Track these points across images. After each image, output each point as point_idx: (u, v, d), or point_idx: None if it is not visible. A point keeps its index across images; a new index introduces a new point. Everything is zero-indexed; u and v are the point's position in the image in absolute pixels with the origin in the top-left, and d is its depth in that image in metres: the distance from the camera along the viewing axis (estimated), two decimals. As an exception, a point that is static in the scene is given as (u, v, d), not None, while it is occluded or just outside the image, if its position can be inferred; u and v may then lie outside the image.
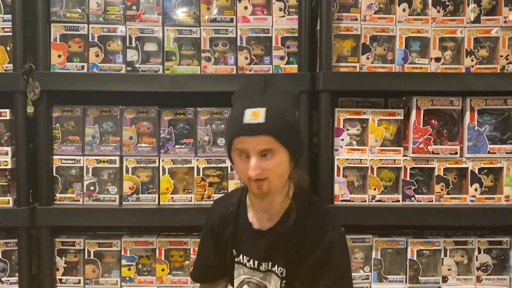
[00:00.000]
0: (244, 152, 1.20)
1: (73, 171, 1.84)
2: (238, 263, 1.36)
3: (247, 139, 1.18)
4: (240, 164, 1.22)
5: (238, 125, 1.19)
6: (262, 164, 1.18)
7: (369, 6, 1.80)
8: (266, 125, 1.17)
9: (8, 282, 1.83)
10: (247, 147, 1.18)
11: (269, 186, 1.21)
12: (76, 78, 1.78)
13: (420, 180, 1.84)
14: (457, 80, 1.77)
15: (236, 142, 1.20)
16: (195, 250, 1.83)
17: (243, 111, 1.19)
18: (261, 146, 1.17)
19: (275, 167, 1.19)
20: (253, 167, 1.17)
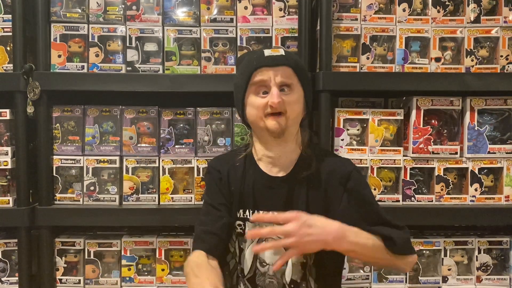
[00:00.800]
0: (263, 86, 1.23)
1: (73, 171, 1.84)
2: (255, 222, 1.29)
3: (269, 70, 1.22)
4: (257, 100, 1.24)
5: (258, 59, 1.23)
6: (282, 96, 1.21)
7: (369, 6, 1.80)
8: (286, 57, 1.24)
9: (8, 282, 1.83)
10: (267, 78, 1.21)
11: (286, 123, 1.22)
12: (76, 78, 1.78)
13: (420, 180, 1.84)
14: (457, 80, 1.78)
15: (256, 74, 1.23)
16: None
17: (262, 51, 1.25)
18: (282, 77, 1.22)
19: (293, 102, 1.23)
20: (275, 95, 1.19)
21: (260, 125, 1.25)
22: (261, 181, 1.31)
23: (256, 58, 1.25)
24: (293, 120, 1.24)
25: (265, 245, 1.14)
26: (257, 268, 1.32)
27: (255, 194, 1.31)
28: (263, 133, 1.26)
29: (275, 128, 1.22)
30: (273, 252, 1.29)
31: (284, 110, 1.21)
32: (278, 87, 1.21)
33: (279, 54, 1.24)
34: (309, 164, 1.28)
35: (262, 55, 1.24)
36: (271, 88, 1.21)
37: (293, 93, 1.24)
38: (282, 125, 1.22)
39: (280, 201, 1.28)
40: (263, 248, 1.17)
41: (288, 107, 1.22)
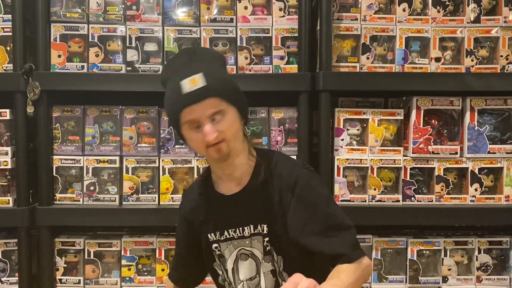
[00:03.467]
0: (195, 122, 1.17)
1: (73, 171, 1.84)
2: (226, 241, 1.31)
3: (194, 108, 1.15)
4: (194, 136, 1.19)
5: (179, 98, 1.15)
6: (217, 127, 1.16)
7: (369, 6, 1.80)
8: (208, 87, 1.14)
9: (8, 282, 1.83)
10: (196, 116, 1.15)
11: (228, 147, 1.19)
12: (76, 78, 1.78)
13: (420, 180, 1.84)
14: (457, 80, 1.78)
15: (183, 115, 1.16)
16: (195, 250, 1.84)
17: (179, 83, 1.15)
18: (210, 109, 1.15)
19: (229, 127, 1.18)
20: (209, 132, 1.14)
21: (206, 154, 1.23)
22: (221, 202, 1.31)
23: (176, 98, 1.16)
24: (233, 141, 1.21)
25: None
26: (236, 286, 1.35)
27: (218, 216, 1.31)
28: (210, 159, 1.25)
29: (219, 156, 1.20)
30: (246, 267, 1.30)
31: (223, 138, 1.18)
32: (209, 121, 1.15)
33: (198, 86, 1.14)
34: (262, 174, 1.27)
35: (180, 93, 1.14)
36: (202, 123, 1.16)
37: (226, 117, 1.17)
38: (224, 152, 1.19)
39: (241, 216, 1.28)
40: None
41: (225, 134, 1.18)
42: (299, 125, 1.80)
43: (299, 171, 1.26)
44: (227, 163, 1.23)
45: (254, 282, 1.31)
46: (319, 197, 1.24)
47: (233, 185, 1.30)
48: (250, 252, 1.29)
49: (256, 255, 1.29)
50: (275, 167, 1.28)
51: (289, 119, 1.86)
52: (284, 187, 1.24)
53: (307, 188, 1.24)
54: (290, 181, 1.23)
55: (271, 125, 1.85)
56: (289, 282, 0.93)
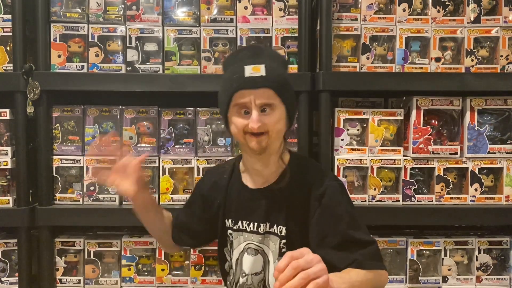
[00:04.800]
0: (244, 107, 1.21)
1: (73, 171, 1.84)
2: (238, 231, 1.34)
3: (249, 92, 1.19)
4: (239, 120, 1.23)
5: (238, 79, 1.20)
6: (263, 118, 1.20)
7: (369, 6, 1.80)
8: (267, 78, 1.20)
9: (8, 282, 1.83)
10: (248, 101, 1.20)
11: (267, 142, 1.22)
12: (76, 78, 1.78)
13: (420, 180, 1.84)
14: (457, 80, 1.77)
15: (236, 96, 1.21)
16: (195, 250, 1.84)
17: (243, 67, 1.20)
18: (262, 99, 1.20)
19: (274, 122, 1.22)
20: (255, 120, 1.19)
21: (243, 143, 1.26)
22: (243, 194, 1.34)
23: (236, 78, 1.21)
24: (275, 138, 1.24)
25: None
26: (238, 280, 1.36)
27: (237, 206, 1.35)
28: (246, 148, 1.28)
29: (256, 147, 1.23)
30: (252, 261, 1.32)
31: (266, 130, 1.21)
32: (258, 110, 1.20)
33: (259, 74, 1.19)
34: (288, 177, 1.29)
35: (242, 75, 1.20)
36: (251, 110, 1.20)
37: (275, 112, 1.22)
38: (263, 145, 1.22)
39: (260, 212, 1.30)
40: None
41: (269, 127, 1.21)
42: (299, 125, 1.80)
43: (329, 182, 1.28)
44: (261, 157, 1.27)
45: (258, 277, 1.33)
46: (345, 211, 1.25)
47: (259, 180, 1.33)
48: (260, 249, 1.31)
49: (266, 252, 1.31)
50: (306, 173, 1.31)
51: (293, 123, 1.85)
52: (312, 195, 1.26)
53: (334, 200, 1.25)
54: (320, 190, 1.25)
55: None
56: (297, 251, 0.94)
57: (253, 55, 1.25)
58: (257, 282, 1.33)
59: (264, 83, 1.19)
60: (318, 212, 1.24)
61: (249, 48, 1.35)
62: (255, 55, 1.25)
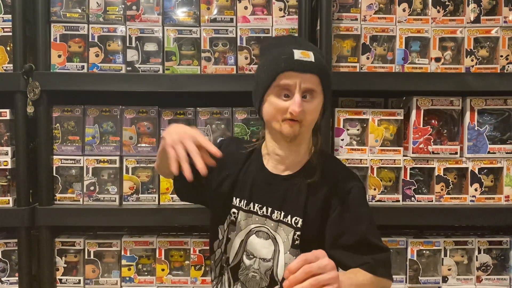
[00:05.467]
0: (286, 90, 1.19)
1: (73, 171, 1.84)
2: (248, 212, 1.31)
3: (296, 75, 1.18)
4: (279, 101, 1.20)
5: (287, 60, 1.18)
6: (303, 105, 1.19)
7: (369, 6, 1.80)
8: (316, 64, 1.19)
9: (8, 282, 1.83)
10: (293, 83, 1.18)
11: (300, 129, 1.21)
12: (76, 78, 1.78)
13: (420, 180, 1.84)
14: (457, 80, 1.77)
15: (282, 76, 1.18)
16: (195, 250, 1.84)
17: (292, 50, 1.19)
18: (308, 84, 1.19)
19: (312, 111, 1.21)
20: (298, 103, 1.17)
21: (275, 126, 1.24)
22: (262, 176, 1.31)
23: (285, 59, 1.19)
24: (307, 127, 1.24)
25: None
26: (242, 261, 1.32)
27: (253, 187, 1.31)
28: (275, 133, 1.26)
29: (289, 133, 1.21)
30: (263, 245, 1.29)
31: (302, 118, 1.20)
32: (301, 94, 1.19)
33: (309, 60, 1.19)
34: (313, 172, 1.27)
35: (291, 57, 1.18)
36: (294, 94, 1.19)
37: (314, 100, 1.21)
38: (296, 132, 1.21)
39: (277, 199, 1.28)
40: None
41: (306, 115, 1.20)
42: (299, 125, 1.80)
43: (355, 182, 1.28)
44: (289, 145, 1.25)
45: (266, 264, 1.29)
46: (365, 215, 1.26)
47: (280, 167, 1.30)
48: (272, 235, 1.29)
49: (277, 241, 1.29)
50: (332, 169, 1.30)
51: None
52: (337, 192, 1.25)
53: (358, 201, 1.25)
54: (345, 188, 1.25)
55: (271, 125, 1.85)
56: (311, 254, 0.93)
57: (298, 42, 1.25)
58: (264, 269, 1.30)
59: (313, 69, 1.19)
60: (339, 209, 1.23)
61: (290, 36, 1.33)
62: (300, 43, 1.25)
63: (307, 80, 1.19)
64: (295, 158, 1.29)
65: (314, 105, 1.21)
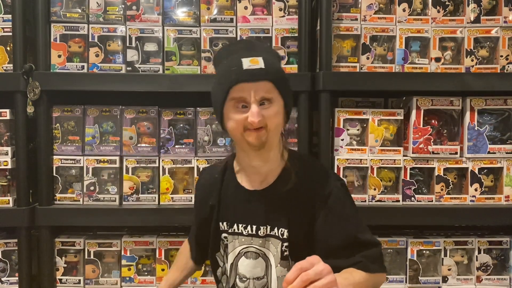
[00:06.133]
0: (242, 102, 1.17)
1: (73, 171, 1.84)
2: (233, 234, 1.30)
3: (248, 86, 1.15)
4: (237, 115, 1.17)
5: (237, 72, 1.15)
6: (262, 112, 1.16)
7: (369, 6, 1.80)
8: (266, 70, 1.16)
9: (8, 282, 1.83)
10: (247, 94, 1.15)
11: (267, 136, 1.18)
12: (76, 78, 1.78)
13: (420, 180, 1.84)
14: (457, 80, 1.77)
15: (234, 90, 1.16)
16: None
17: (240, 60, 1.16)
18: (262, 92, 1.16)
19: (273, 116, 1.18)
20: (255, 113, 1.14)
21: (240, 139, 1.21)
22: (239, 195, 1.29)
23: (234, 71, 1.16)
24: (273, 132, 1.20)
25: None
26: (236, 285, 1.31)
27: (233, 208, 1.30)
28: (244, 144, 1.23)
29: (255, 142, 1.18)
30: (253, 265, 1.28)
31: (265, 124, 1.17)
32: (258, 104, 1.16)
33: (259, 67, 1.15)
34: (290, 178, 1.25)
35: (240, 67, 1.15)
36: (249, 103, 1.16)
37: (273, 106, 1.18)
38: (262, 139, 1.18)
39: (259, 214, 1.26)
40: None
41: (268, 121, 1.17)
42: (299, 125, 1.80)
43: (334, 182, 1.26)
44: (260, 153, 1.23)
45: (261, 282, 1.29)
46: (350, 213, 1.24)
47: (257, 179, 1.28)
48: (261, 252, 1.28)
49: (267, 256, 1.28)
50: (308, 173, 1.27)
51: (289, 119, 1.85)
52: (317, 197, 1.23)
53: (340, 202, 1.23)
54: (325, 191, 1.23)
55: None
56: (306, 261, 0.92)
57: (248, 48, 1.22)
58: (260, 287, 1.29)
59: (264, 76, 1.15)
60: (323, 214, 1.22)
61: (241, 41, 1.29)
62: (250, 48, 1.22)
63: (260, 88, 1.15)
64: (271, 165, 1.27)
65: (274, 110, 1.18)
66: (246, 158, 1.27)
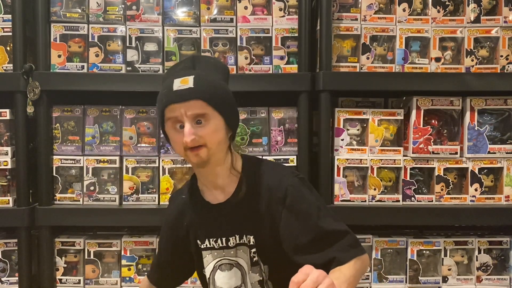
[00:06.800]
0: (178, 122, 1.17)
1: (73, 171, 1.84)
2: (206, 249, 1.31)
3: (178, 106, 1.15)
4: (176, 135, 1.18)
5: (167, 94, 1.17)
6: (198, 131, 1.15)
7: (369, 6, 1.80)
8: (195, 89, 1.15)
9: (8, 282, 1.83)
10: (179, 114, 1.15)
11: (207, 154, 1.17)
12: (76, 78, 1.78)
13: (420, 180, 1.84)
14: (457, 80, 1.78)
15: (167, 111, 1.17)
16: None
17: (172, 81, 1.17)
18: (193, 110, 1.15)
19: (211, 132, 1.16)
20: (187, 133, 1.14)
21: (185, 158, 1.21)
22: (205, 211, 1.29)
23: (165, 93, 1.17)
24: (215, 149, 1.19)
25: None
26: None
27: (202, 224, 1.31)
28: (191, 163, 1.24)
29: (196, 161, 1.18)
30: (229, 276, 1.29)
31: (203, 143, 1.16)
32: (192, 122, 1.15)
33: (187, 87, 1.15)
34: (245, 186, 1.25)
35: (170, 89, 1.16)
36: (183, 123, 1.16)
37: (210, 123, 1.16)
38: (203, 157, 1.17)
39: (226, 226, 1.27)
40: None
41: (206, 139, 1.16)
42: (299, 125, 1.80)
43: (288, 181, 1.24)
44: (207, 170, 1.23)
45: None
46: (310, 207, 1.22)
47: (218, 193, 1.29)
48: (235, 262, 1.29)
49: (241, 264, 1.28)
50: (262, 177, 1.26)
51: (289, 119, 1.86)
52: (274, 199, 1.22)
53: (297, 198, 1.22)
54: (280, 192, 1.22)
55: (271, 125, 1.85)
56: (300, 273, 0.92)
57: (187, 67, 1.22)
58: None
59: (192, 94, 1.15)
60: (284, 215, 1.21)
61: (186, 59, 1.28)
62: (190, 67, 1.22)
63: (191, 107, 1.15)
64: (224, 179, 1.26)
65: (212, 128, 1.16)
66: (199, 175, 1.29)
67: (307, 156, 1.79)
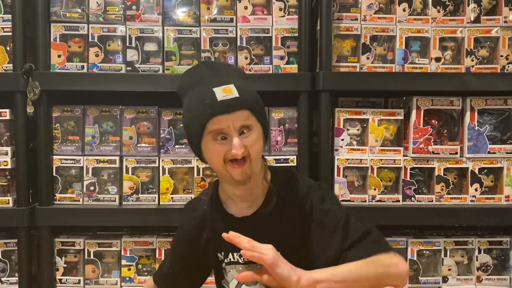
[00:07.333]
0: (221, 134, 1.12)
1: (73, 171, 1.84)
2: (230, 264, 1.28)
3: (225, 117, 1.10)
4: (216, 147, 1.13)
5: (212, 104, 1.10)
6: (244, 142, 1.11)
7: (369, 6, 1.80)
8: (241, 99, 1.11)
9: (8, 282, 1.83)
10: (225, 126, 1.10)
11: (251, 168, 1.15)
12: (76, 78, 1.78)
13: (420, 180, 1.84)
14: (457, 80, 1.78)
15: (211, 124, 1.11)
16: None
17: (211, 90, 1.10)
18: (241, 121, 1.11)
19: (254, 143, 1.14)
20: (238, 146, 1.09)
21: (223, 172, 1.16)
22: (229, 224, 1.24)
23: (208, 104, 1.10)
24: (256, 160, 1.17)
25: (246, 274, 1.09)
26: None
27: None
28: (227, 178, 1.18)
29: (241, 178, 1.14)
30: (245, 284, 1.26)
31: (247, 154, 1.13)
32: (238, 134, 1.11)
33: (233, 96, 1.10)
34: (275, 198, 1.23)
35: (214, 100, 1.10)
36: (230, 135, 1.11)
37: (253, 132, 1.14)
38: (248, 173, 1.14)
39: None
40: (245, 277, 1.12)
41: (250, 149, 1.13)
42: (299, 125, 1.80)
43: (313, 194, 1.23)
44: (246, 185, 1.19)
45: None
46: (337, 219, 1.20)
47: (244, 206, 1.25)
48: None
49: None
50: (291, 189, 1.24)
51: (289, 119, 1.86)
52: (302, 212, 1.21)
53: (324, 212, 1.21)
54: (307, 205, 1.21)
55: (271, 125, 1.85)
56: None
57: (214, 73, 1.17)
58: None
59: (239, 105, 1.11)
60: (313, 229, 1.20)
61: (204, 65, 1.24)
62: (216, 73, 1.18)
63: (238, 118, 1.11)
64: (255, 190, 1.24)
65: (255, 137, 1.14)
66: (231, 189, 1.24)
67: (307, 156, 1.79)
